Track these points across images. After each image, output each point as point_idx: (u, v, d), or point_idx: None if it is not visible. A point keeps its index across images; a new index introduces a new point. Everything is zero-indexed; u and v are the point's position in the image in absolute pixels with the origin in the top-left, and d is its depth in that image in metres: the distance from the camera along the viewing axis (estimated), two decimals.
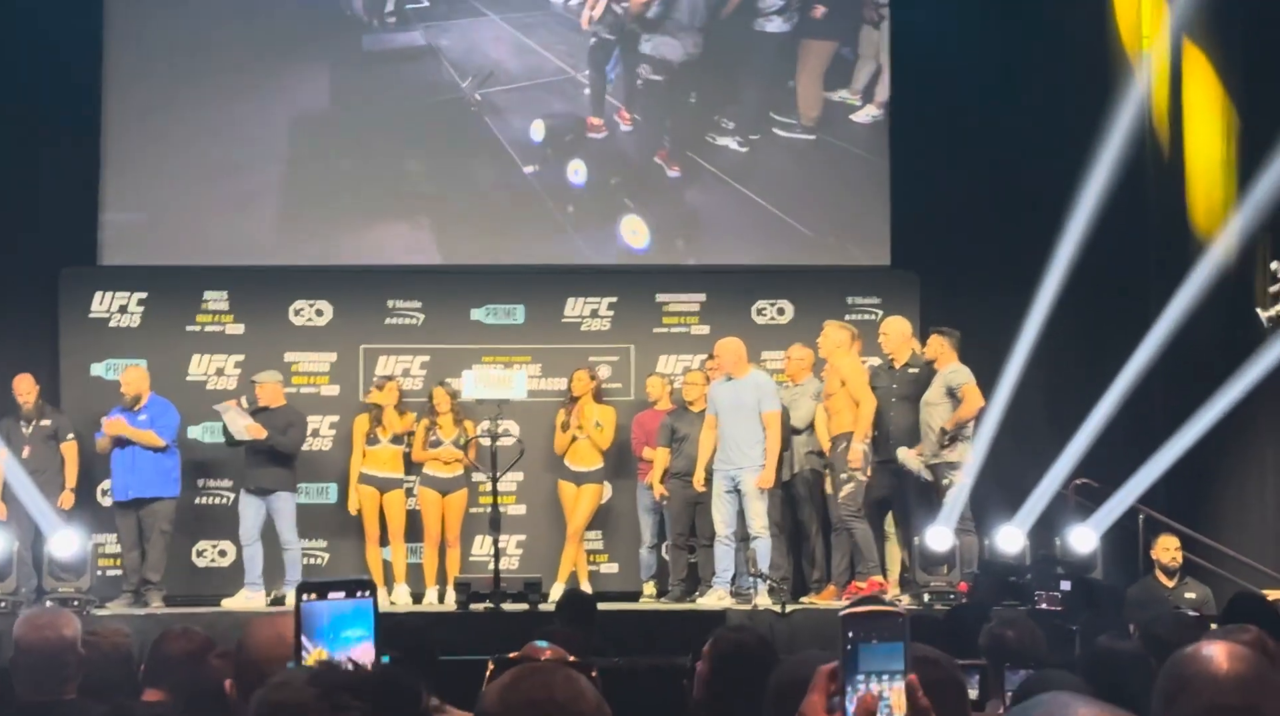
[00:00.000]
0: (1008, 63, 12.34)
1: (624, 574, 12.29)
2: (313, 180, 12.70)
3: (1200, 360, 11.08)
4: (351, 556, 12.15)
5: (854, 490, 10.69)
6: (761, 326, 12.65)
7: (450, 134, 12.81)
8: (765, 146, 12.88)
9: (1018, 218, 12.25)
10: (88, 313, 12.41)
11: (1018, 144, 12.33)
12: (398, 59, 12.83)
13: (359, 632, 2.73)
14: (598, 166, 12.82)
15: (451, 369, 12.21)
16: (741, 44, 12.95)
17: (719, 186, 12.81)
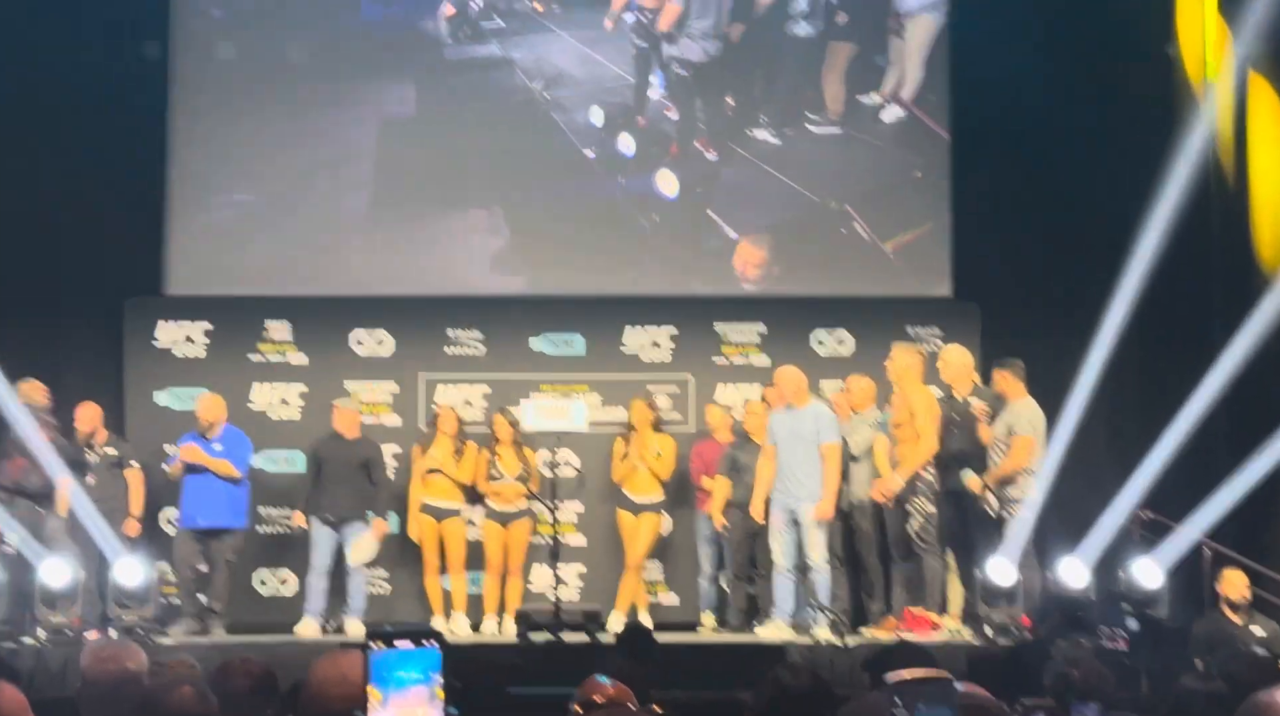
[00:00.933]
0: (1071, 93, 12.27)
1: (683, 605, 12.27)
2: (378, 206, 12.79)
3: (1267, 391, 10.95)
4: (412, 585, 12.19)
5: (925, 522, 10.61)
6: (822, 357, 12.62)
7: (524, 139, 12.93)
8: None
9: (1080, 248, 12.18)
10: (151, 342, 12.52)
11: (1080, 174, 12.26)
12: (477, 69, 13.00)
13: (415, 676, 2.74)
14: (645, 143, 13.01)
15: (511, 398, 12.25)
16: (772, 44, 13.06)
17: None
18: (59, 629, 10.17)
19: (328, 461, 11.53)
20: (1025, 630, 10.08)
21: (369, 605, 11.72)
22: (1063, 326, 11.80)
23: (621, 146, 12.92)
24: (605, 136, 12.92)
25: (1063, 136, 12.24)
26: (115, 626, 10.24)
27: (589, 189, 12.90)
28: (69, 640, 10.09)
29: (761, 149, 12.95)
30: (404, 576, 12.32)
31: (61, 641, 10.10)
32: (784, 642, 10.29)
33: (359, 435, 11.70)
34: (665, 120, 12.99)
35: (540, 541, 11.85)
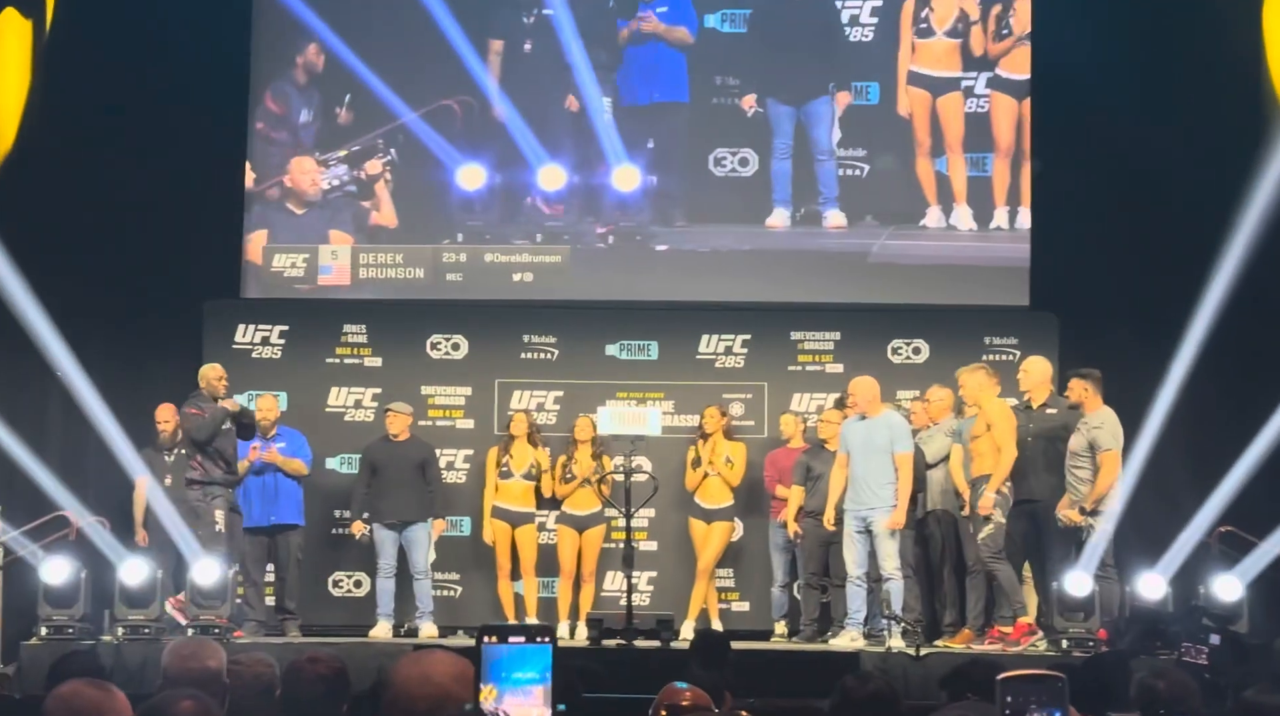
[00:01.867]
0: (1154, 100, 12.15)
1: (755, 612, 12.24)
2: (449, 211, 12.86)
3: None
4: (485, 589, 12.24)
5: (994, 531, 10.54)
6: (897, 366, 12.57)
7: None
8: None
9: (1162, 259, 12.04)
10: (231, 344, 12.64)
11: (1164, 181, 12.13)
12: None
13: (531, 675, 2.75)
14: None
15: (585, 404, 12.28)
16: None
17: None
18: (138, 626, 10.29)
19: (383, 466, 11.61)
20: (1101, 642, 9.99)
21: (441, 608, 11.77)
22: (1143, 337, 11.69)
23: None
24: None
25: (1145, 142, 12.10)
26: (193, 626, 10.34)
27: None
28: (148, 637, 10.21)
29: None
30: (476, 580, 12.37)
31: (140, 639, 10.21)
32: (856, 651, 10.24)
33: (410, 437, 11.76)
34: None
35: (613, 547, 11.87)
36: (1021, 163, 12.97)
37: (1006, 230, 12.91)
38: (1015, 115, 13.05)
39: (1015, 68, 13.10)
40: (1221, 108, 12.07)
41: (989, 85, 13.12)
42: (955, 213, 12.99)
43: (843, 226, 12.95)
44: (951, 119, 13.13)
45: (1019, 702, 2.39)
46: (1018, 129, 13.04)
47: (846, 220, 12.96)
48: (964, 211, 12.97)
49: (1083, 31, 12.28)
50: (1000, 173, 12.99)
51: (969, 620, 10.88)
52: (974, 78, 13.13)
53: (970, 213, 12.94)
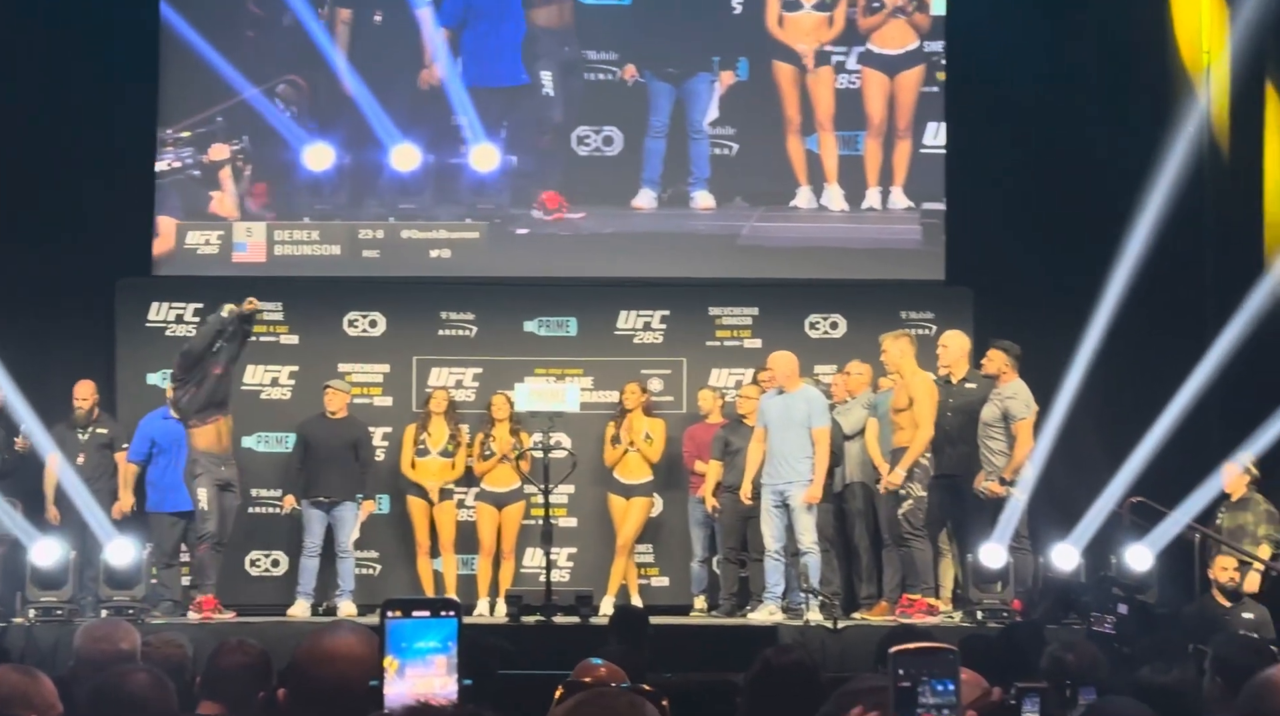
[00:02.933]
0: (1064, 76, 12.28)
1: (674, 587, 12.28)
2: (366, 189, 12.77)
3: (1259, 377, 10.96)
4: (404, 567, 12.19)
5: (914, 506, 10.63)
6: (815, 340, 12.63)
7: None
8: None
9: (1074, 233, 12.18)
10: (144, 322, 12.51)
11: (1074, 158, 12.26)
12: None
13: (433, 644, 2.74)
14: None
15: (503, 381, 12.25)
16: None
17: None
18: (50, 608, 10.17)
19: (316, 442, 11.52)
20: (1016, 613, 10.11)
21: (360, 586, 11.72)
22: (1057, 310, 11.81)
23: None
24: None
25: (1058, 116, 12.23)
26: (106, 607, 10.23)
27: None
28: (60, 620, 10.09)
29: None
30: (395, 558, 12.33)
31: (52, 621, 10.10)
32: (775, 625, 10.31)
33: (346, 415, 11.70)
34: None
35: (532, 524, 11.86)
36: (895, 141, 12.87)
37: (879, 211, 12.87)
38: (888, 91, 12.93)
39: (888, 42, 12.93)
40: (1132, 81, 12.22)
41: (860, 61, 12.95)
42: (826, 193, 12.86)
43: (711, 208, 12.88)
44: (821, 95, 12.93)
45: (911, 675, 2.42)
46: (890, 106, 12.91)
47: (715, 201, 12.88)
48: (835, 192, 12.85)
49: (995, 7, 12.35)
50: (872, 151, 12.90)
51: (886, 592, 10.96)
52: (845, 52, 13.01)
53: (842, 193, 12.85)
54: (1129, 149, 11.69)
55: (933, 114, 12.93)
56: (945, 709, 2.42)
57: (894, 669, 2.43)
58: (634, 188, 12.89)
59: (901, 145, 12.91)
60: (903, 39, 12.99)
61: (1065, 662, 4.90)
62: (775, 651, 4.59)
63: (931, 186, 12.90)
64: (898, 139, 12.92)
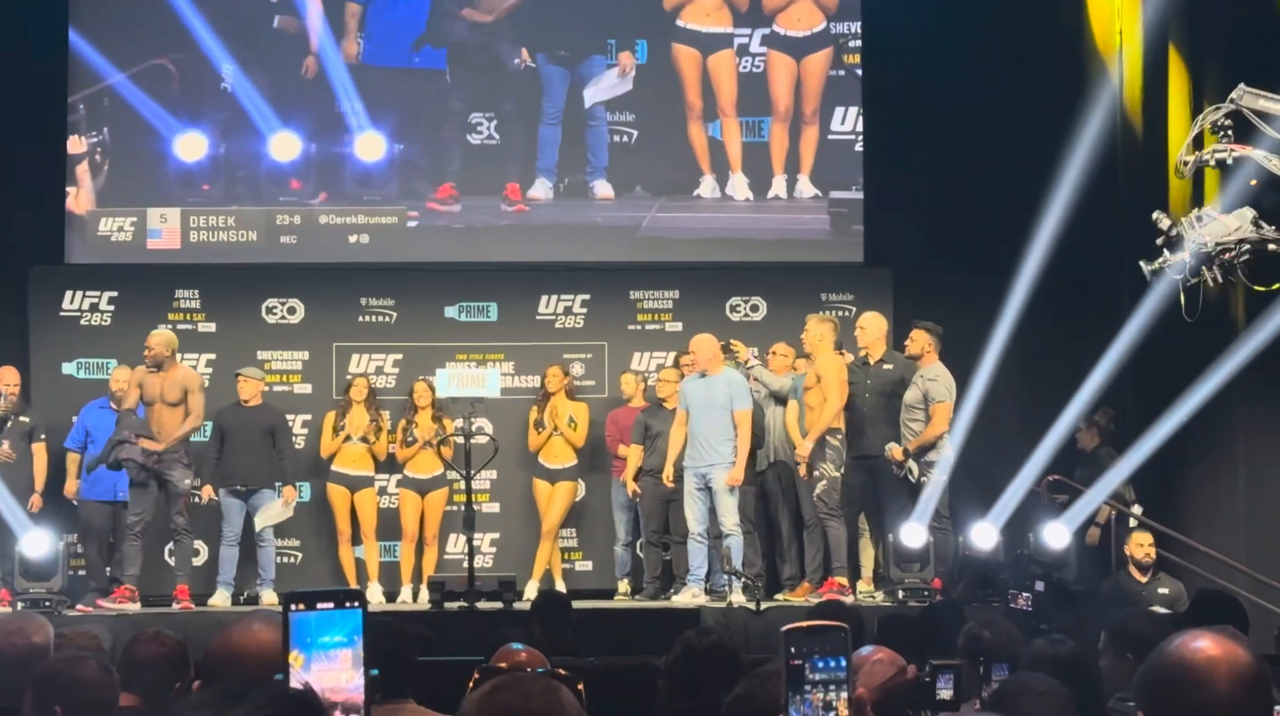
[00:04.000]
0: (981, 58, 12.35)
1: (598, 571, 12.29)
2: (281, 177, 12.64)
3: (1172, 356, 11.10)
4: (325, 555, 12.13)
5: (828, 486, 10.70)
6: (736, 323, 12.66)
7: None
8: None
9: (991, 214, 12.27)
10: (58, 311, 12.35)
11: (991, 140, 12.34)
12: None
13: (338, 639, 2.72)
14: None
15: (425, 367, 12.21)
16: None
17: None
18: None
19: (233, 430, 11.42)
20: (936, 592, 10.20)
21: (282, 575, 11.64)
22: (975, 290, 11.90)
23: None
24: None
25: (974, 101, 12.31)
26: (22, 599, 10.10)
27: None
28: None
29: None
30: (316, 546, 12.26)
31: None
32: (698, 607, 10.34)
33: (261, 402, 11.60)
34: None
35: (455, 510, 11.83)
36: (802, 127, 12.70)
37: (785, 200, 12.71)
38: (794, 76, 12.70)
39: (794, 23, 12.69)
40: (1047, 63, 12.32)
41: (765, 43, 12.71)
42: (731, 182, 12.66)
43: (610, 198, 12.67)
44: (724, 80, 12.66)
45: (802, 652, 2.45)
46: (797, 90, 12.71)
47: (614, 191, 12.67)
48: (740, 180, 12.66)
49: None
50: (778, 138, 12.71)
51: (808, 573, 11.02)
52: (748, 34, 12.76)
53: (746, 182, 12.66)
54: (1045, 130, 11.78)
55: (842, 98, 12.80)
56: (833, 685, 2.45)
57: (785, 647, 2.46)
58: (529, 177, 12.65)
59: (809, 131, 12.74)
60: (810, 20, 12.75)
61: (981, 640, 4.95)
62: (695, 633, 4.62)
63: (841, 174, 12.74)
64: (805, 125, 12.73)
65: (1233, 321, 11.19)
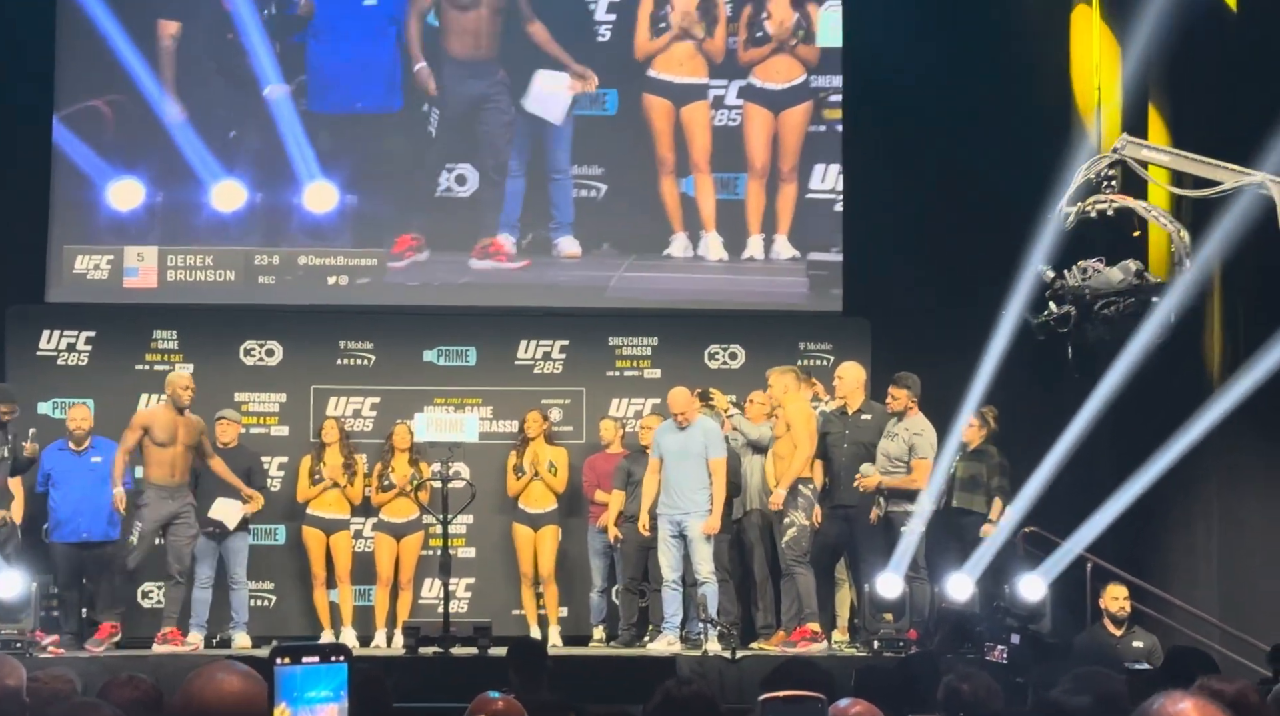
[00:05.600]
0: (962, 110, 12.42)
1: (574, 618, 12.24)
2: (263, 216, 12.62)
3: (1148, 411, 11.15)
4: (300, 598, 12.07)
5: (796, 535, 10.71)
6: (714, 370, 12.67)
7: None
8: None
9: (971, 264, 12.31)
10: (35, 350, 12.31)
11: (971, 189, 12.39)
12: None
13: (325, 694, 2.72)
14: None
15: (403, 410, 12.17)
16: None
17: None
18: None
19: (206, 473, 11.36)
20: (912, 643, 10.19)
21: (255, 618, 11.58)
22: (952, 341, 11.92)
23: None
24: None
25: (956, 148, 12.36)
26: None
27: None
28: None
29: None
30: (290, 589, 12.20)
31: None
32: (673, 655, 10.31)
33: (237, 445, 11.56)
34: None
35: (430, 554, 11.79)
36: (780, 184, 12.45)
37: (761, 261, 12.44)
38: (772, 130, 12.43)
39: (772, 76, 12.42)
40: (1030, 116, 12.39)
41: (741, 95, 12.44)
42: (703, 241, 12.37)
43: (576, 255, 12.44)
44: (697, 133, 12.34)
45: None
46: (775, 145, 12.47)
47: (581, 248, 12.43)
48: (713, 239, 12.38)
49: (896, 41, 12.42)
50: (755, 195, 12.43)
51: (783, 621, 11.01)
52: (724, 86, 12.51)
53: (721, 241, 12.39)
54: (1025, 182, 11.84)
55: (823, 155, 12.61)
56: None
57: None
58: (491, 231, 12.44)
59: (787, 189, 12.47)
60: (789, 72, 12.46)
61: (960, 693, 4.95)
62: (675, 683, 4.61)
63: (820, 235, 12.51)
64: (783, 182, 12.47)
65: (1208, 374, 11.26)
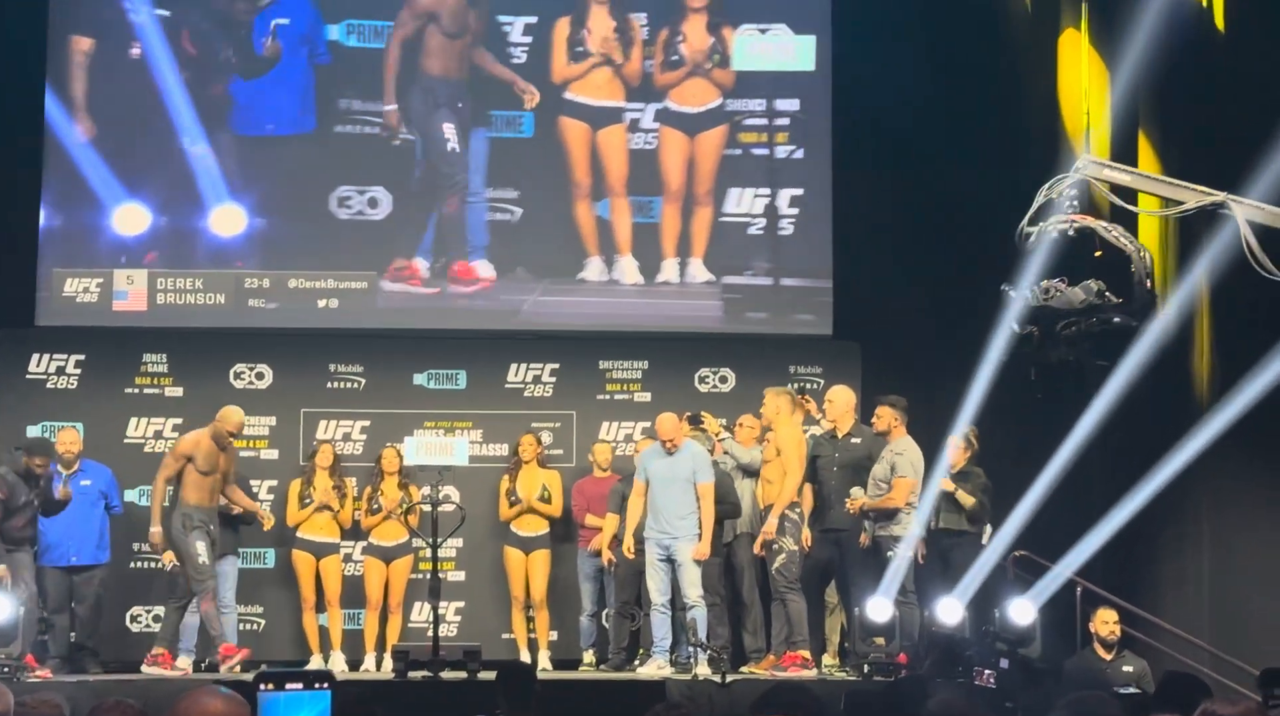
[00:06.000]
0: (951, 134, 12.45)
1: (563, 641, 12.21)
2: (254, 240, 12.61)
3: (1138, 434, 11.16)
4: (289, 622, 12.04)
5: (786, 560, 10.70)
6: (704, 394, 12.67)
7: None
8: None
9: (961, 287, 12.33)
10: (24, 374, 12.29)
11: (960, 213, 12.42)
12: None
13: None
14: None
15: (393, 434, 12.17)
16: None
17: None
18: None
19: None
20: (901, 667, 10.17)
21: (244, 641, 11.53)
22: (943, 363, 11.94)
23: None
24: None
25: (945, 175, 12.40)
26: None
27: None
28: None
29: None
30: (280, 613, 12.16)
31: None
32: (663, 679, 10.29)
33: None
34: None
35: (420, 578, 11.77)
36: (695, 208, 12.46)
37: (676, 284, 12.46)
38: (687, 153, 12.45)
39: (688, 99, 12.45)
40: (1019, 140, 12.42)
41: (658, 119, 12.46)
42: (618, 264, 12.38)
43: (490, 279, 12.42)
44: (613, 156, 12.36)
45: None
46: (690, 169, 12.48)
47: (495, 272, 12.40)
48: (628, 263, 12.38)
49: (884, 67, 12.46)
50: (670, 218, 12.46)
51: (774, 645, 10.99)
52: (640, 109, 12.54)
53: (636, 264, 12.40)
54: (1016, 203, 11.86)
55: (737, 179, 12.55)
56: None
57: None
58: (406, 254, 12.34)
59: (702, 212, 12.49)
60: (704, 96, 12.45)
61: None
62: (664, 707, 4.62)
63: (735, 258, 12.52)
64: (698, 205, 12.47)
65: (1197, 398, 11.27)
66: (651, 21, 12.53)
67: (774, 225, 12.68)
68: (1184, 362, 11.47)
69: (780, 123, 12.75)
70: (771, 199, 12.65)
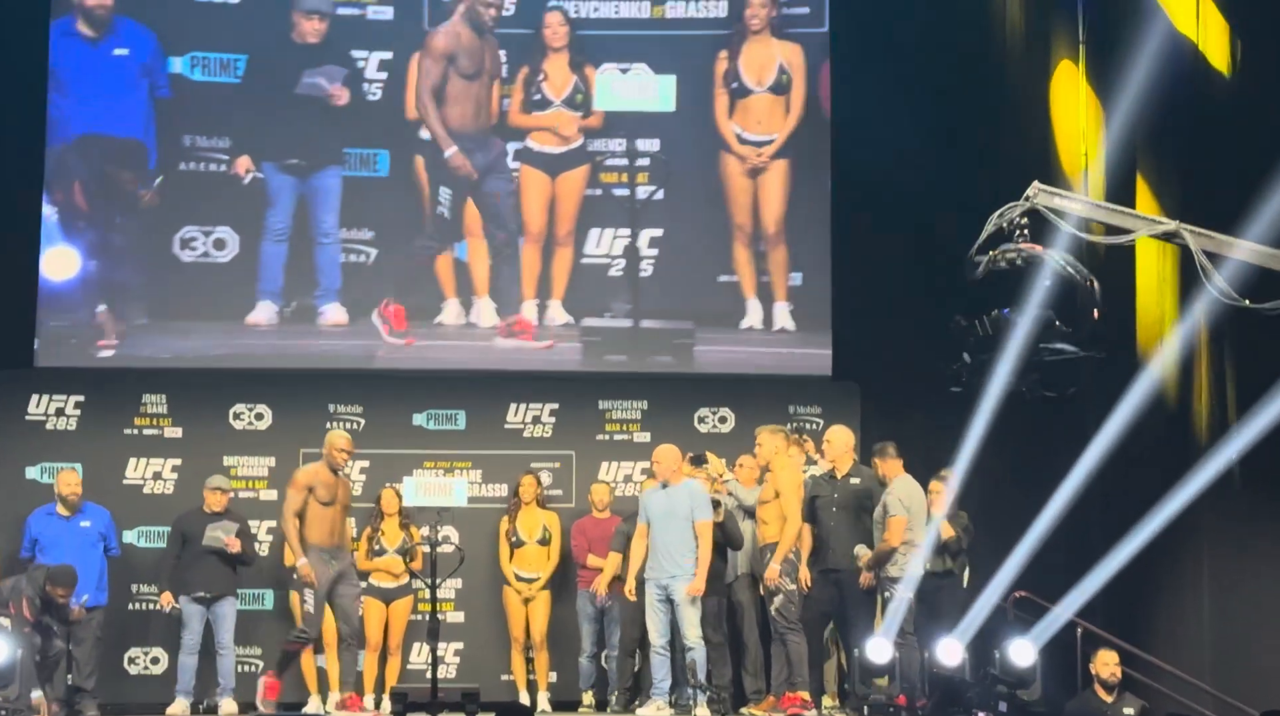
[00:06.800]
0: (949, 174, 12.47)
1: (563, 682, 12.17)
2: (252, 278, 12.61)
3: (1138, 475, 11.15)
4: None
5: (784, 601, 10.67)
6: (704, 434, 12.66)
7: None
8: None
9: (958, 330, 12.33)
10: (24, 415, 12.30)
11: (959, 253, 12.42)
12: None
13: None
14: None
15: (392, 474, 12.16)
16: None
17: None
18: None
19: (195, 537, 11.33)
20: (901, 709, 10.13)
21: (242, 683, 11.51)
22: (942, 404, 11.92)
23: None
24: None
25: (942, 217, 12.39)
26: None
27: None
28: None
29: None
30: (278, 655, 12.10)
31: None
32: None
33: (226, 509, 11.53)
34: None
35: (418, 619, 11.74)
36: (555, 249, 12.43)
37: (535, 327, 12.39)
38: (548, 194, 12.41)
39: (548, 139, 12.39)
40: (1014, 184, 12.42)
41: (518, 158, 12.39)
42: (476, 307, 12.32)
43: (343, 323, 12.29)
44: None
45: None
46: (551, 210, 12.44)
47: (348, 316, 12.28)
48: (486, 305, 12.34)
49: (881, 111, 12.48)
50: (530, 260, 12.44)
51: (774, 686, 10.95)
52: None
53: (494, 307, 12.35)
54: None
55: (600, 220, 12.51)
56: None
57: None
58: (250, 301, 12.27)
59: (562, 253, 12.46)
60: (566, 136, 12.41)
61: None
62: None
63: (596, 300, 12.48)
64: (558, 246, 12.45)
65: (1196, 439, 11.26)
66: (510, 60, 12.46)
67: (634, 266, 12.61)
68: (1183, 402, 11.46)
69: (641, 163, 12.68)
70: (632, 239, 12.60)
